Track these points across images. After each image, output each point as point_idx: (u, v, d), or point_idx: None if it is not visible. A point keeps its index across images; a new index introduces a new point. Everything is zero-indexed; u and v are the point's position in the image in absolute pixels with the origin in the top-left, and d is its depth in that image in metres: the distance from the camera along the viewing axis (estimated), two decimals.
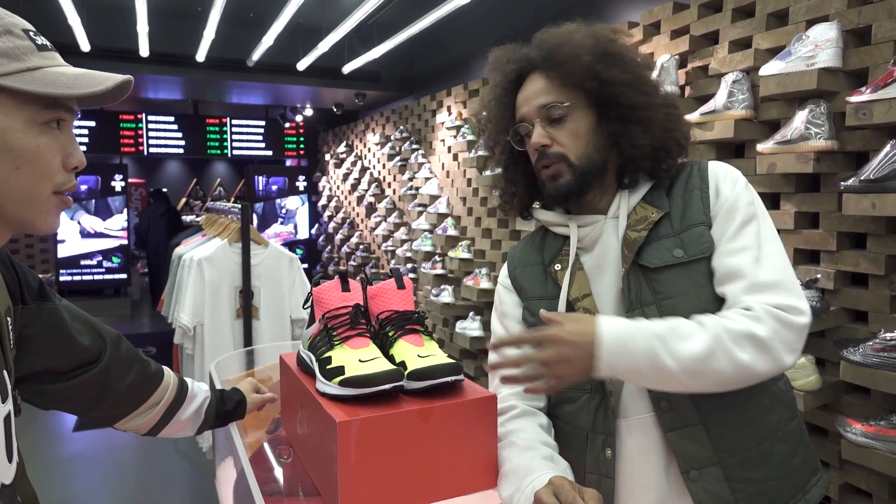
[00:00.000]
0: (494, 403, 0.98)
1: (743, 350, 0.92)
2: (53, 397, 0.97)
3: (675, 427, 1.01)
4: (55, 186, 0.74)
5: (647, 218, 1.06)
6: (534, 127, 1.09)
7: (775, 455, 1.03)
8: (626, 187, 1.10)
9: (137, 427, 1.13)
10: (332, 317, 1.02)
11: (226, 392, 1.29)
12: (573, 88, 1.07)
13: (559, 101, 1.07)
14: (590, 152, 1.08)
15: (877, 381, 1.75)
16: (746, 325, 0.93)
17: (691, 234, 1.04)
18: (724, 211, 1.04)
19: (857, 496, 1.96)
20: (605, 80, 1.05)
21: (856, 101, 1.79)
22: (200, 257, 2.72)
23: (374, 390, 0.91)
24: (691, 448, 1.01)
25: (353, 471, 0.88)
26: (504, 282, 1.22)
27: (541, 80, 1.10)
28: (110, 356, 1.02)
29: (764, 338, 0.92)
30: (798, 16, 2.08)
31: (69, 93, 0.71)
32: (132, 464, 3.69)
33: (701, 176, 1.08)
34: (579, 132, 1.08)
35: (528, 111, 1.10)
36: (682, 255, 1.03)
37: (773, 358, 0.93)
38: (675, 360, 0.91)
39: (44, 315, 0.91)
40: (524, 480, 0.94)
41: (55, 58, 0.74)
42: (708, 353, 0.91)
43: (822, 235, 2.00)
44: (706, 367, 0.91)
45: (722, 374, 0.92)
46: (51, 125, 0.73)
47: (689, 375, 0.91)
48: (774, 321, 0.94)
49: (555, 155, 1.08)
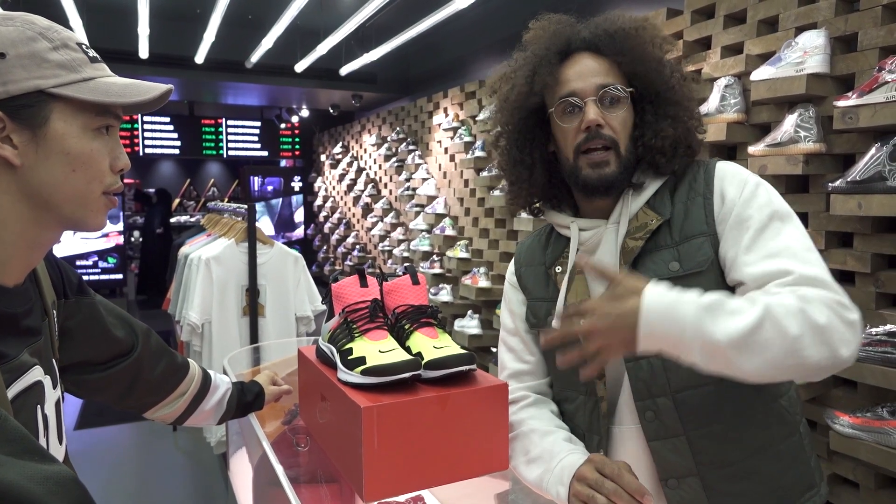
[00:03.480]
0: (506, 391, 1.04)
1: (796, 325, 0.81)
2: (90, 387, 1.03)
3: (659, 437, 1.00)
4: (105, 187, 0.80)
5: (646, 225, 1.02)
6: (587, 105, 1.03)
7: (762, 471, 1.00)
8: (632, 186, 1.06)
9: (165, 416, 1.19)
10: (352, 311, 1.08)
11: (245, 384, 1.34)
12: (630, 78, 1.05)
13: (620, 86, 1.04)
14: (630, 147, 1.05)
15: (863, 374, 1.80)
16: (799, 303, 0.83)
17: (689, 246, 0.99)
18: (734, 219, 0.97)
19: (844, 486, 2.01)
20: (656, 80, 1.05)
21: (843, 106, 1.83)
22: (209, 256, 2.77)
23: (394, 378, 0.97)
24: (672, 458, 1.00)
25: (376, 454, 0.94)
26: (511, 279, 1.22)
27: (597, 60, 1.05)
28: (142, 348, 1.08)
29: (819, 320, 0.82)
30: (788, 23, 2.13)
31: (120, 101, 0.77)
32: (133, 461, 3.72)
33: (706, 180, 1.03)
34: (627, 123, 1.05)
35: (583, 86, 1.04)
36: (677, 269, 0.99)
37: (827, 342, 0.82)
38: (724, 333, 0.81)
39: (83, 309, 0.97)
40: (552, 462, 0.99)
41: (104, 69, 0.80)
42: (757, 324, 0.81)
43: (810, 234, 2.04)
44: (754, 340, 0.80)
45: (772, 350, 0.80)
46: (101, 131, 0.79)
47: (736, 349, 0.81)
48: (828, 309, 0.83)
49: (608, 138, 1.03)
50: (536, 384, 1.18)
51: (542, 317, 1.13)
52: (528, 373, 1.18)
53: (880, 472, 1.86)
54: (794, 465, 1.04)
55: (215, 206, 3.61)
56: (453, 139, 4.56)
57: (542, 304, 1.13)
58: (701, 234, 1.00)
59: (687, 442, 0.99)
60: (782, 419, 1.03)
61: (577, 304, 0.90)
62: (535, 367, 1.18)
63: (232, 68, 5.97)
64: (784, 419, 1.03)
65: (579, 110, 1.04)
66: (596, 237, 1.08)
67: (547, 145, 1.13)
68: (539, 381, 1.18)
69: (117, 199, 0.85)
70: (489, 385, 1.03)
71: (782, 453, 1.02)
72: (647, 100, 1.07)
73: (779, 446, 1.02)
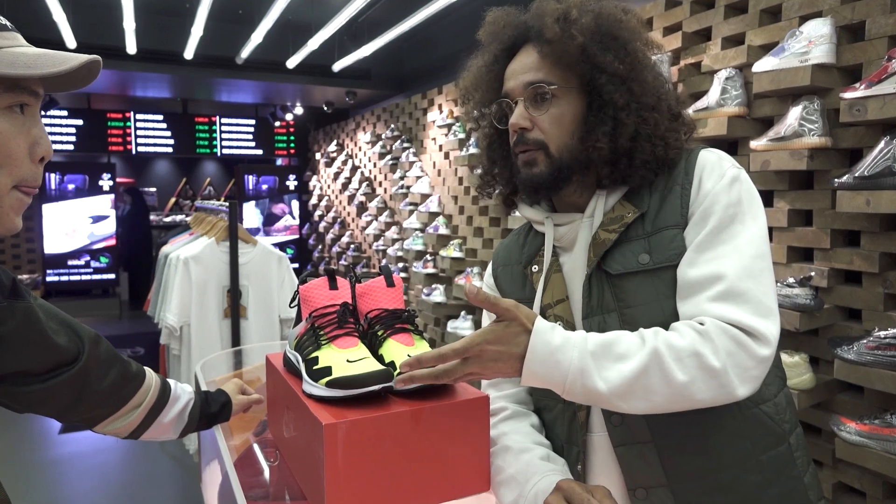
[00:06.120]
0: (487, 404, 0.95)
1: (684, 370, 0.81)
2: (28, 400, 0.93)
3: (625, 442, 0.94)
4: (16, 180, 0.68)
5: (622, 218, 0.96)
6: (516, 105, 0.99)
7: (741, 484, 0.92)
8: (604, 186, 0.99)
9: (118, 430, 1.09)
10: (318, 315, 0.99)
11: (210, 394, 1.25)
12: (565, 69, 0.97)
13: (547, 81, 0.97)
14: (572, 143, 0.97)
15: (871, 379, 1.74)
16: (693, 343, 0.82)
17: (661, 238, 0.93)
18: (700, 212, 0.92)
19: (850, 495, 1.95)
20: (598, 65, 0.94)
21: (850, 98, 1.77)
22: (187, 256, 2.68)
23: (363, 391, 0.88)
24: (639, 466, 0.94)
25: (340, 475, 0.85)
26: (488, 281, 1.16)
27: (533, 53, 0.99)
28: (88, 357, 0.98)
29: (713, 364, 0.81)
30: (791, 12, 2.06)
31: (29, 73, 0.66)
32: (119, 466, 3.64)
33: (686, 169, 0.96)
34: (564, 119, 0.97)
35: (513, 86, 1.00)
36: (647, 262, 0.93)
37: (720, 384, 0.81)
38: (605, 382, 0.81)
39: (17, 313, 0.88)
40: (526, 486, 0.91)
41: (16, 38, 0.69)
42: (641, 371, 0.81)
43: (815, 233, 1.98)
44: (638, 387, 0.81)
45: (655, 394, 0.81)
46: (13, 110, 0.68)
47: (618, 396, 0.82)
48: (730, 342, 0.82)
49: (533, 141, 0.98)
50: (515, 392, 1.10)
51: None
52: (506, 380, 1.10)
53: (888, 480, 1.80)
54: (778, 480, 0.94)
55: (202, 205, 3.52)
56: (448, 136, 4.49)
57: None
58: (674, 225, 0.94)
59: (655, 449, 0.92)
60: (765, 427, 0.94)
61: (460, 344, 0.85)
62: None
63: (223, 64, 5.88)
64: (767, 427, 0.94)
65: (512, 111, 1.01)
66: (571, 232, 1.02)
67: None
68: (518, 389, 1.10)
69: (30, 199, 0.71)
70: (468, 398, 0.93)
71: (764, 465, 0.93)
72: (601, 91, 0.95)
73: (760, 457, 0.93)
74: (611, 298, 0.95)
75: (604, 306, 0.95)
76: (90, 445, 3.87)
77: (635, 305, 0.93)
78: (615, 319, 0.94)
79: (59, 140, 8.11)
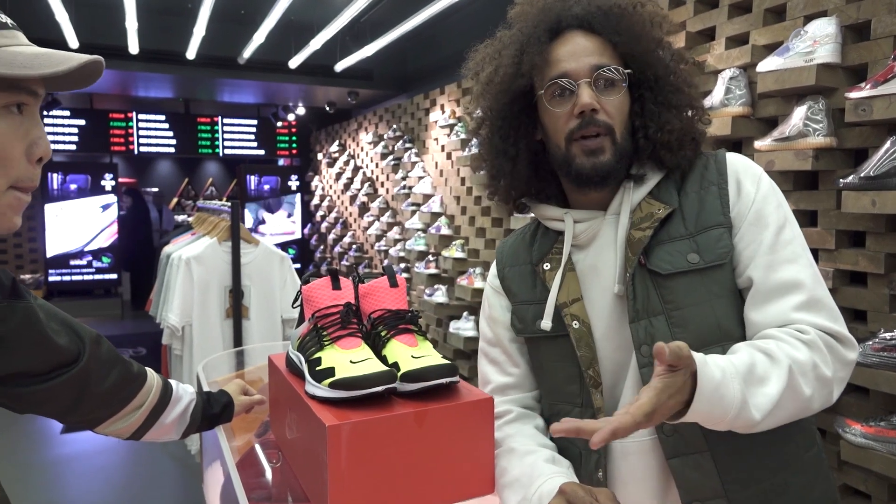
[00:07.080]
0: (491, 406, 0.94)
1: (808, 384, 0.82)
2: (29, 400, 0.93)
3: (679, 453, 0.90)
4: (13, 180, 0.67)
5: (652, 215, 0.94)
6: (580, 87, 0.94)
7: (792, 488, 0.92)
8: (632, 178, 0.98)
9: (119, 431, 1.09)
10: (321, 316, 0.99)
11: (212, 394, 1.24)
12: (620, 60, 0.96)
13: (615, 67, 0.95)
14: (626, 134, 0.97)
15: (876, 381, 1.73)
16: (810, 357, 0.83)
17: (708, 238, 0.92)
18: (753, 215, 0.92)
19: (856, 498, 1.94)
20: (656, 63, 0.97)
21: (855, 97, 1.76)
22: (189, 256, 2.67)
23: (366, 392, 0.87)
24: (696, 477, 0.90)
25: (343, 477, 0.84)
26: (492, 282, 1.12)
27: (591, 39, 0.96)
28: (89, 357, 0.97)
29: (826, 373, 0.83)
30: (796, 11, 2.05)
31: (25, 73, 0.65)
32: (121, 467, 3.64)
33: (719, 170, 0.97)
34: (624, 108, 0.97)
35: (576, 67, 0.94)
36: (697, 261, 0.91)
37: (829, 392, 0.85)
38: (759, 410, 0.79)
39: (17, 313, 0.87)
40: (530, 488, 0.90)
41: (16, 36, 0.68)
42: (783, 393, 0.80)
43: (820, 234, 1.97)
44: (778, 408, 0.80)
45: (784, 410, 0.81)
46: (10, 109, 0.67)
47: (765, 420, 0.80)
48: (830, 350, 0.85)
49: (603, 124, 0.95)
50: (522, 397, 1.08)
51: (530, 321, 1.03)
52: (514, 386, 1.08)
53: (894, 483, 1.79)
54: (818, 479, 0.95)
55: (204, 205, 3.52)
56: (450, 136, 4.48)
57: (529, 306, 1.04)
58: (718, 224, 0.94)
59: (712, 459, 0.90)
60: (802, 427, 0.95)
61: (649, 407, 0.74)
62: (520, 379, 1.08)
63: (225, 64, 5.89)
64: (802, 426, 0.94)
65: (571, 94, 0.95)
66: (591, 230, 1.00)
67: (533, 133, 1.03)
68: (525, 395, 1.08)
69: (28, 199, 0.70)
70: (473, 399, 0.93)
71: (808, 466, 0.94)
72: (644, 85, 0.98)
73: (804, 457, 0.94)
74: (657, 300, 0.92)
75: (650, 309, 0.92)
76: (91, 446, 3.87)
77: (685, 306, 0.91)
78: (663, 322, 0.92)
79: (61, 140, 8.13)
